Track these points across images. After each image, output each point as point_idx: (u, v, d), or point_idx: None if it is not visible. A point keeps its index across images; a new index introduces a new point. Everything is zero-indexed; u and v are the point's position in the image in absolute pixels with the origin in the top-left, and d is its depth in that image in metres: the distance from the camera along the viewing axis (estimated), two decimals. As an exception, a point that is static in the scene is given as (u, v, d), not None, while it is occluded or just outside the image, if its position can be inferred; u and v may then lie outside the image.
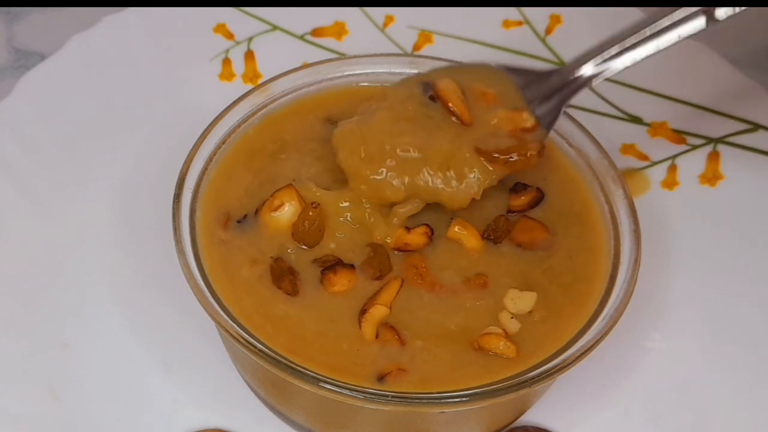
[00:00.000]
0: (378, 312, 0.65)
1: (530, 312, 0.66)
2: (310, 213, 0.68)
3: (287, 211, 0.68)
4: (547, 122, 0.70)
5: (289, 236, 0.68)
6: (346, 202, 0.69)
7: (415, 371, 0.63)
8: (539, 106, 0.71)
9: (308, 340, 0.64)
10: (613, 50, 0.70)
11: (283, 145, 0.74)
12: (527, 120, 0.70)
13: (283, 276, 0.66)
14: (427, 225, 0.69)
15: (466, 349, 0.64)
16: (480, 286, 0.67)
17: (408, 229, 0.68)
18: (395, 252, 0.68)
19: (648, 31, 0.69)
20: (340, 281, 0.66)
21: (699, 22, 0.68)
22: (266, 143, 0.74)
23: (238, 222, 0.69)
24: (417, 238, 0.68)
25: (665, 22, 0.68)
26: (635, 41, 0.69)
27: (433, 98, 0.71)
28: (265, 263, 0.67)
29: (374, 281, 0.67)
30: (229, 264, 0.67)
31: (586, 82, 0.71)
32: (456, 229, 0.69)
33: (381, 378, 0.62)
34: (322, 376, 0.61)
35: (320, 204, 0.68)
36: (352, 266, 0.67)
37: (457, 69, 0.74)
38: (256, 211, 0.69)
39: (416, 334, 0.64)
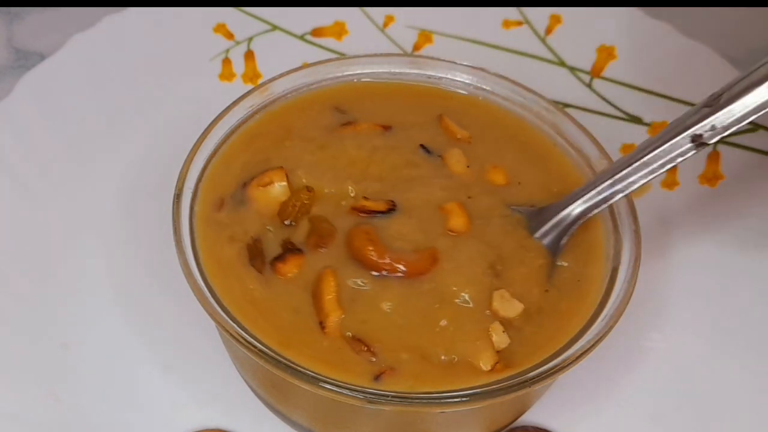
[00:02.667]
0: (333, 320, 0.64)
1: (522, 315, 0.66)
2: (302, 195, 0.68)
3: (277, 190, 0.69)
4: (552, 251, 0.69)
5: (274, 217, 0.68)
6: (332, 188, 0.70)
7: (406, 372, 0.62)
8: (543, 238, 0.69)
9: (296, 336, 0.64)
10: (606, 184, 0.68)
11: (288, 131, 0.74)
12: None
13: (257, 256, 0.67)
14: (391, 201, 0.69)
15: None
16: (430, 261, 0.66)
17: (366, 198, 0.69)
18: (355, 214, 0.68)
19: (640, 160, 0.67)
20: (290, 269, 0.66)
21: (689, 149, 0.65)
22: (271, 128, 0.74)
23: (231, 197, 0.69)
24: (377, 204, 0.68)
25: (658, 154, 0.66)
26: (628, 171, 0.67)
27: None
28: (244, 242, 0.67)
29: (321, 252, 0.66)
30: (228, 265, 0.67)
31: (578, 218, 0.69)
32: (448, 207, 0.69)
33: (377, 377, 0.62)
34: (321, 375, 0.61)
35: (314, 189, 0.69)
36: (300, 251, 0.67)
37: None
38: (244, 185, 0.69)
39: (389, 347, 0.63)
